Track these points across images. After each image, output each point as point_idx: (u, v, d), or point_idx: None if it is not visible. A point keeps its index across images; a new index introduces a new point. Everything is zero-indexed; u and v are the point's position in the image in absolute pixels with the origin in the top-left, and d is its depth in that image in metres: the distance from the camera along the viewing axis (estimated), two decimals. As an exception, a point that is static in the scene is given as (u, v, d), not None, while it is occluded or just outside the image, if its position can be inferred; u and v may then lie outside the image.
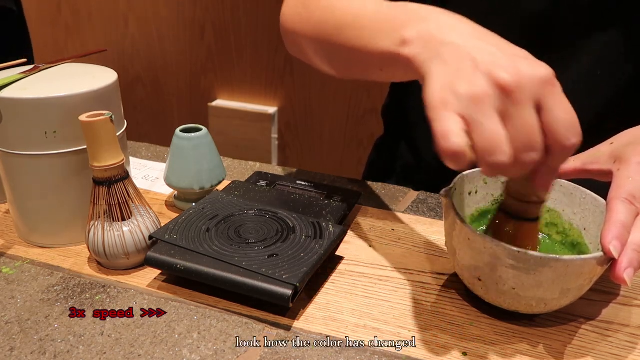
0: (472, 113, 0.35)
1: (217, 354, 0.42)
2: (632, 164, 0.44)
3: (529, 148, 0.35)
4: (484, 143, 0.34)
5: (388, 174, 0.82)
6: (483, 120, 0.34)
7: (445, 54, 0.38)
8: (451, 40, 0.39)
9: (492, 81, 0.35)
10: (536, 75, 0.35)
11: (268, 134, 1.91)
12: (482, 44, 0.38)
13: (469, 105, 0.35)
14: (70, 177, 0.52)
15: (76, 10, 2.03)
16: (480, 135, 0.34)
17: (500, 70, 0.35)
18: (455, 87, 0.36)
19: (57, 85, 0.51)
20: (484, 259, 0.42)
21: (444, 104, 0.35)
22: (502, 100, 0.35)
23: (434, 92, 0.36)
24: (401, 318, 0.46)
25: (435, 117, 0.35)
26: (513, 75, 0.35)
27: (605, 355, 0.43)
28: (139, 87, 2.07)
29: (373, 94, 1.76)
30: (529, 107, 0.35)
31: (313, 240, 0.51)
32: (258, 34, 1.84)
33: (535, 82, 0.35)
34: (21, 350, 0.41)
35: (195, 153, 0.59)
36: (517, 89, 0.35)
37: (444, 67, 0.37)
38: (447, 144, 0.34)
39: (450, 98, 0.35)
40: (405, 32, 0.42)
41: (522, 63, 0.36)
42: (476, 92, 0.35)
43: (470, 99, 0.35)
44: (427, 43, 0.40)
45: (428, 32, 0.40)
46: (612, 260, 0.40)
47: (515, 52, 0.37)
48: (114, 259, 0.50)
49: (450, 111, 0.35)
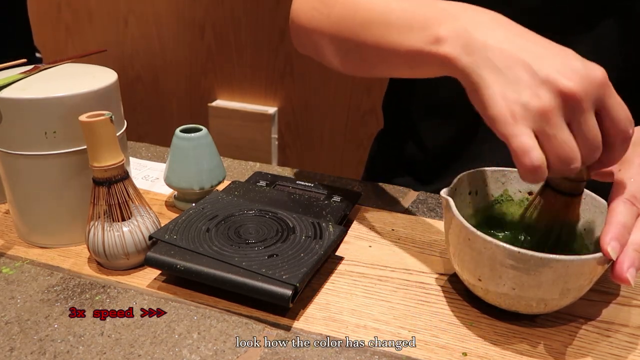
0: (544, 127, 0.36)
1: (217, 354, 0.42)
2: (634, 165, 0.44)
3: (594, 150, 0.37)
4: (560, 154, 0.36)
5: (390, 167, 0.82)
6: (556, 133, 0.36)
7: (494, 59, 0.38)
8: (494, 42, 0.39)
9: (556, 91, 0.36)
10: (596, 80, 0.36)
11: (268, 134, 1.91)
12: (528, 45, 0.38)
13: (539, 119, 0.36)
14: (70, 177, 0.52)
15: (76, 10, 2.03)
16: (555, 147, 0.36)
17: (563, 79, 0.36)
18: (521, 101, 0.36)
19: (57, 85, 0.51)
20: (484, 259, 0.42)
21: (514, 118, 0.36)
22: (568, 109, 0.36)
23: (498, 106, 0.37)
24: (401, 318, 0.46)
25: (510, 133, 0.36)
26: (576, 83, 0.36)
27: (605, 355, 0.43)
28: (139, 87, 2.07)
29: (373, 94, 1.76)
30: (592, 112, 0.37)
31: (313, 241, 0.50)
32: (258, 34, 1.84)
33: (596, 87, 0.36)
34: (21, 351, 0.41)
35: (195, 153, 0.59)
36: (583, 97, 0.36)
37: (499, 77, 0.38)
38: (529, 160, 0.36)
39: (519, 112, 0.36)
40: (438, 30, 0.42)
41: (578, 66, 0.37)
42: (544, 105, 0.36)
43: (539, 113, 0.36)
44: (467, 44, 0.40)
45: (465, 31, 0.40)
46: (611, 260, 0.40)
47: (564, 52, 0.38)
48: (114, 259, 0.50)
49: (524, 126, 0.36)
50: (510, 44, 0.38)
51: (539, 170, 0.36)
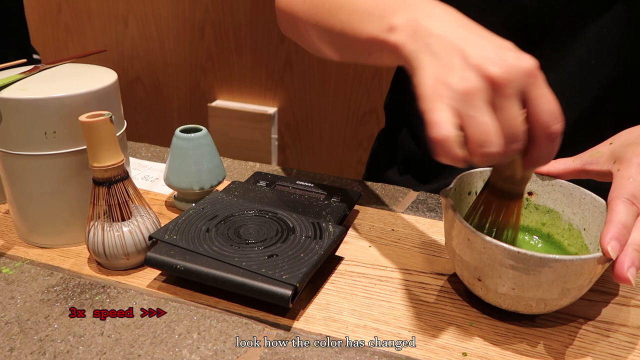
0: (465, 107, 0.36)
1: (217, 354, 0.42)
2: (633, 164, 0.44)
3: (515, 138, 0.37)
4: (478, 135, 0.36)
5: (390, 163, 0.83)
6: (476, 114, 0.36)
7: (434, 46, 0.39)
8: (439, 31, 0.40)
9: (483, 75, 0.36)
10: (523, 68, 0.37)
11: (268, 135, 1.91)
12: (469, 36, 0.39)
13: (462, 99, 0.36)
14: (70, 178, 0.52)
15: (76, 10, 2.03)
16: (473, 128, 0.36)
17: (490, 64, 0.36)
18: (448, 81, 0.37)
19: (57, 86, 0.51)
20: (484, 259, 0.42)
21: (438, 96, 0.37)
22: (491, 93, 0.36)
23: (427, 84, 0.38)
24: (401, 318, 0.46)
25: (429, 108, 0.37)
26: (502, 69, 0.36)
27: (605, 355, 0.43)
28: (139, 87, 2.07)
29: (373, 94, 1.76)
30: (515, 99, 0.37)
31: (313, 241, 0.50)
32: (257, 35, 1.84)
33: (522, 75, 0.36)
34: (21, 351, 0.41)
35: (195, 153, 0.59)
36: (506, 83, 0.36)
37: (435, 60, 0.39)
38: (438, 131, 0.36)
39: (444, 91, 0.37)
40: (393, 19, 0.43)
41: (509, 55, 0.37)
42: (468, 86, 0.36)
43: (462, 93, 0.36)
44: (415, 32, 0.41)
45: (415, 20, 0.41)
46: (611, 260, 0.40)
47: (501, 44, 0.39)
48: (114, 259, 0.50)
49: (444, 103, 0.36)
50: (452, 34, 0.39)
51: (446, 143, 0.35)
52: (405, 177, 0.80)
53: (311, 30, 0.56)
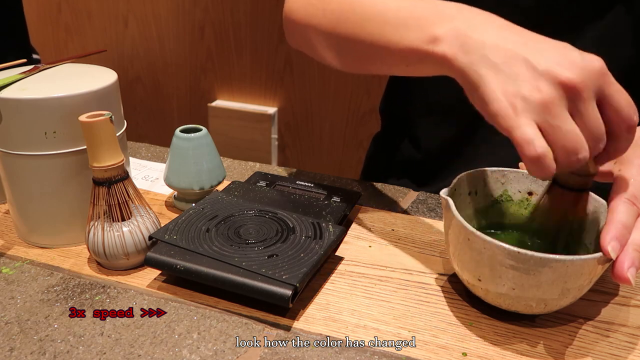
0: (547, 118, 0.36)
1: (217, 354, 0.42)
2: (634, 165, 0.44)
3: (599, 139, 0.37)
4: (567, 145, 0.36)
5: (387, 167, 0.82)
6: (560, 124, 0.36)
7: (491, 56, 0.38)
8: (491, 41, 0.39)
9: (556, 82, 0.36)
10: (594, 69, 0.36)
11: (268, 135, 1.91)
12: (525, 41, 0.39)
13: (541, 111, 0.36)
14: (70, 178, 0.52)
15: (76, 10, 2.03)
16: (561, 138, 0.36)
17: (561, 70, 0.36)
18: (522, 94, 0.36)
19: (57, 86, 0.51)
20: (484, 260, 0.42)
21: (516, 111, 0.36)
22: (570, 99, 0.36)
23: (498, 100, 0.37)
24: (401, 318, 0.46)
25: (512, 125, 0.36)
26: (575, 73, 0.36)
27: (605, 355, 0.43)
28: (139, 88, 2.07)
29: (373, 94, 1.76)
30: (594, 101, 0.37)
31: (313, 241, 0.50)
32: (257, 35, 1.84)
33: (595, 76, 0.36)
34: (21, 351, 0.41)
35: (195, 153, 0.59)
36: (583, 87, 0.36)
37: (498, 73, 0.38)
38: (533, 149, 0.35)
39: (520, 105, 0.36)
40: (434, 30, 0.42)
41: (575, 56, 0.37)
42: (545, 97, 0.36)
43: (541, 105, 0.36)
44: (463, 43, 0.40)
45: (458, 29, 0.41)
46: (611, 260, 0.40)
47: (561, 45, 0.38)
48: (114, 259, 0.50)
49: (525, 118, 0.36)
50: (507, 41, 0.39)
51: (544, 160, 0.36)
52: (403, 181, 0.79)
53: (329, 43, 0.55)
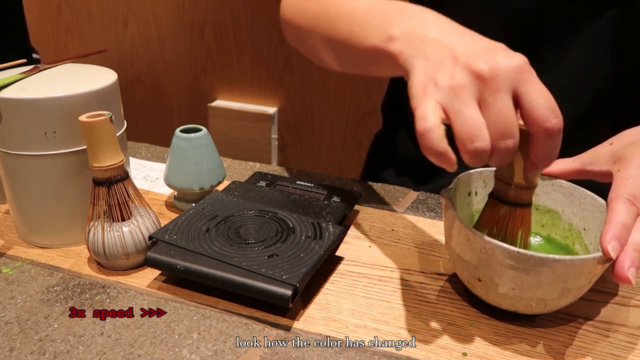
0: (451, 102, 0.36)
1: (217, 354, 0.42)
2: (633, 165, 0.44)
3: (506, 135, 0.36)
4: (464, 130, 0.36)
5: (387, 165, 0.83)
6: (462, 108, 0.36)
7: (427, 49, 0.40)
8: (433, 36, 0.40)
9: (470, 71, 0.37)
10: (512, 64, 0.37)
11: (268, 135, 1.91)
12: (462, 39, 0.39)
13: (449, 94, 0.36)
14: (70, 178, 0.52)
15: (76, 10, 2.03)
16: (460, 122, 0.36)
17: (478, 61, 0.37)
18: (435, 78, 0.37)
19: (57, 86, 0.51)
20: (484, 260, 0.42)
21: (425, 92, 0.37)
22: (479, 89, 0.36)
23: (416, 84, 0.38)
24: (401, 318, 0.46)
25: (418, 104, 0.37)
26: (490, 65, 0.36)
27: (605, 355, 0.43)
28: (139, 88, 2.07)
29: (373, 94, 1.76)
30: (505, 94, 0.36)
31: (313, 241, 0.50)
32: (257, 35, 1.84)
33: (511, 70, 0.36)
34: (21, 351, 0.41)
35: (195, 153, 0.59)
36: (493, 77, 0.36)
37: (426, 62, 0.39)
38: (422, 124, 0.35)
39: (431, 88, 0.37)
40: (392, 29, 0.43)
41: (499, 54, 0.37)
42: (455, 82, 0.36)
43: (449, 88, 0.36)
44: (411, 40, 0.41)
45: (412, 30, 0.42)
46: (611, 260, 0.40)
47: (493, 45, 0.39)
48: (114, 260, 0.50)
49: (431, 99, 0.37)
50: (446, 38, 0.40)
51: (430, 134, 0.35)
52: (403, 179, 0.80)
53: (315, 41, 0.57)
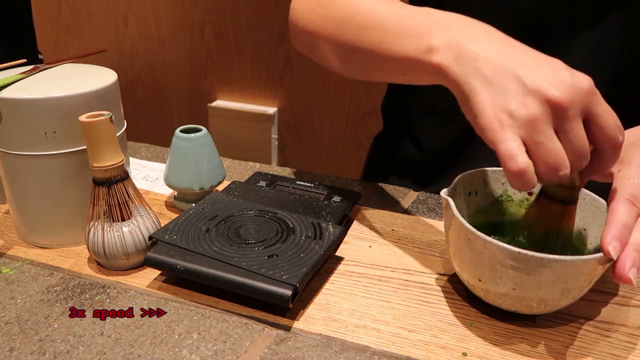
0: (531, 134, 0.37)
1: (217, 354, 0.42)
2: (633, 165, 0.44)
3: (582, 157, 0.38)
4: (549, 161, 0.37)
5: (388, 167, 0.83)
6: (544, 141, 0.37)
7: (483, 69, 0.39)
8: (486, 54, 0.40)
9: (544, 100, 0.37)
10: (583, 88, 0.37)
11: (268, 135, 1.91)
12: (518, 57, 0.39)
13: (527, 127, 0.37)
14: (70, 178, 0.52)
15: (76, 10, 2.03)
16: (544, 154, 0.37)
17: (550, 88, 0.37)
18: (509, 109, 0.37)
19: (57, 86, 0.51)
20: (484, 260, 0.42)
21: (502, 125, 0.37)
22: (555, 117, 0.37)
23: (487, 113, 0.38)
24: (401, 318, 0.46)
25: (497, 139, 0.37)
26: (563, 92, 0.37)
27: (605, 355, 0.43)
28: (139, 88, 2.07)
29: (373, 94, 1.76)
30: (579, 119, 0.37)
31: (313, 241, 0.50)
32: (257, 35, 1.84)
33: (583, 95, 0.37)
34: (21, 351, 0.41)
35: (195, 153, 0.59)
36: (569, 105, 0.37)
37: (488, 87, 0.39)
38: (515, 165, 0.36)
39: (507, 120, 0.37)
40: (431, 40, 0.43)
41: (565, 75, 0.37)
42: (532, 113, 0.37)
43: (527, 121, 0.37)
44: (458, 54, 0.41)
45: (455, 40, 0.41)
46: (612, 260, 0.40)
47: (553, 63, 0.39)
48: (114, 260, 0.49)
49: (511, 133, 0.37)
50: (500, 55, 0.39)
51: (525, 175, 0.37)
52: (404, 181, 0.80)
53: (332, 50, 0.55)
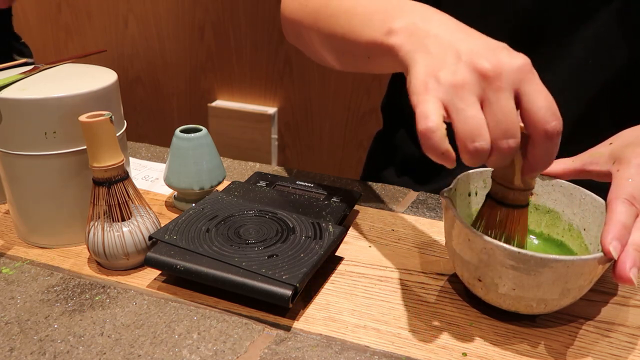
0: (453, 99, 0.36)
1: (217, 354, 0.42)
2: (632, 165, 0.44)
3: (506, 134, 0.36)
4: (465, 129, 0.36)
5: (388, 165, 0.83)
6: (464, 107, 0.36)
7: (429, 45, 0.40)
8: (435, 32, 0.40)
9: (473, 69, 0.37)
10: (515, 64, 0.37)
11: (268, 135, 1.91)
12: (464, 36, 0.40)
13: (450, 92, 0.36)
14: (70, 178, 0.52)
15: (76, 10, 2.03)
16: (462, 121, 0.36)
17: (482, 59, 0.37)
18: (437, 75, 0.37)
19: (57, 86, 0.51)
20: (484, 260, 0.42)
21: (426, 89, 0.37)
22: (482, 87, 0.36)
23: (417, 79, 0.38)
24: (401, 318, 0.46)
25: (418, 101, 0.37)
26: (493, 64, 0.36)
27: (605, 355, 0.43)
28: (139, 88, 2.07)
29: (373, 94, 1.76)
30: (507, 93, 0.36)
31: (313, 241, 0.50)
32: (257, 35, 1.84)
33: (514, 70, 0.36)
34: (21, 351, 0.41)
35: (195, 153, 0.59)
36: (496, 76, 0.36)
37: (428, 57, 0.39)
38: (425, 124, 0.35)
39: (433, 84, 0.37)
40: (392, 23, 0.43)
41: (502, 53, 0.37)
42: (457, 79, 0.36)
43: (451, 86, 0.36)
44: (412, 34, 0.41)
45: (414, 24, 0.42)
46: (612, 260, 0.40)
47: (496, 45, 0.39)
48: (114, 260, 0.50)
49: (433, 96, 0.36)
50: (449, 34, 0.40)
51: (432, 135, 0.35)
52: (403, 178, 0.80)
53: (314, 37, 0.57)
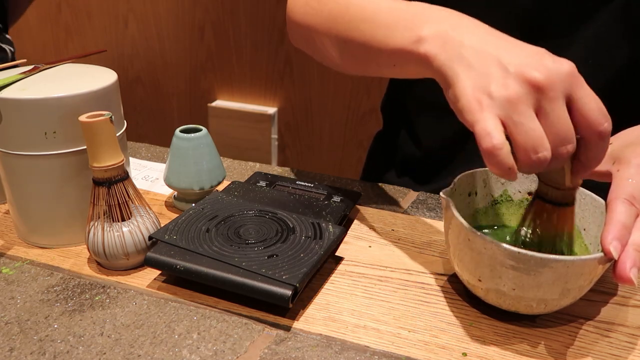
0: (510, 114, 0.36)
1: (217, 354, 0.42)
2: (632, 165, 0.44)
3: (565, 141, 0.37)
4: (527, 142, 0.36)
5: (388, 165, 0.83)
6: (522, 120, 0.36)
7: (468, 56, 0.39)
8: (469, 42, 0.40)
9: (525, 81, 0.36)
10: (563, 70, 0.37)
11: (268, 135, 1.91)
12: (501, 43, 0.39)
13: (506, 107, 0.36)
14: (70, 178, 0.52)
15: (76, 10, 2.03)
16: (522, 134, 0.36)
17: (531, 70, 0.37)
18: (489, 91, 0.37)
19: (57, 86, 0.51)
20: (484, 260, 0.42)
21: (481, 106, 0.37)
22: (536, 99, 0.37)
23: (467, 95, 0.38)
24: (401, 318, 0.46)
25: (475, 119, 0.37)
26: (544, 73, 0.36)
27: (605, 355, 0.43)
28: (139, 88, 2.07)
29: (373, 94, 1.76)
30: (561, 101, 0.37)
31: (313, 241, 0.50)
32: (258, 35, 1.84)
33: (564, 77, 0.37)
34: (21, 351, 0.41)
35: (195, 153, 0.59)
36: (549, 86, 0.36)
37: (471, 71, 0.39)
38: (490, 141, 0.36)
39: (487, 101, 0.37)
40: (420, 31, 0.43)
41: (547, 60, 0.37)
42: (511, 93, 0.36)
43: (506, 101, 0.36)
44: (445, 42, 0.41)
45: (444, 32, 0.42)
46: (612, 260, 0.40)
47: (536, 50, 0.39)
48: (114, 260, 0.50)
49: (489, 113, 0.36)
50: (484, 43, 0.40)
51: (499, 153, 0.36)
52: (403, 178, 0.80)
53: (328, 43, 0.56)
